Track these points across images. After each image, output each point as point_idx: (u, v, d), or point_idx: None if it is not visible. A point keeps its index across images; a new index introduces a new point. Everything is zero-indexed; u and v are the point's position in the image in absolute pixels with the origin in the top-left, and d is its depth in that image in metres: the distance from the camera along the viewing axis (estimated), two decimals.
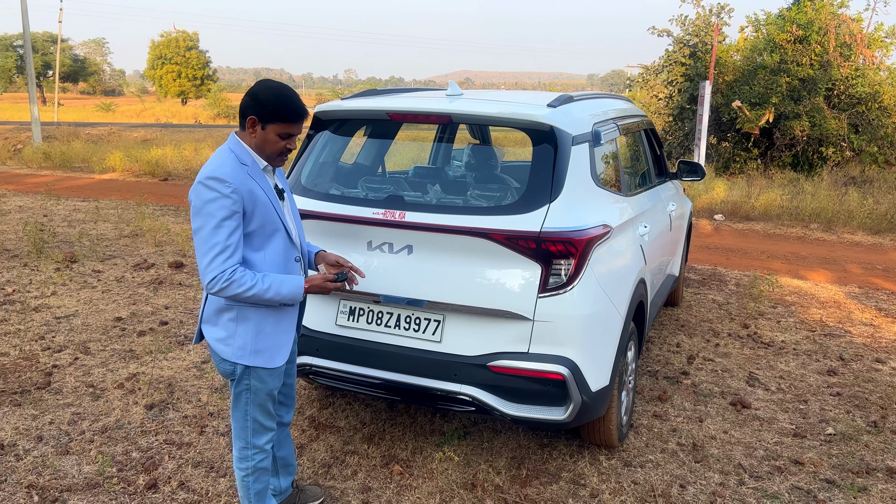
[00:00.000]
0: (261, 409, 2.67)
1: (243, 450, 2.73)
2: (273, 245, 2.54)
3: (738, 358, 5.27)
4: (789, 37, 15.41)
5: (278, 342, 2.60)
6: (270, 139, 2.48)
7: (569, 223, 3.10)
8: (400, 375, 3.29)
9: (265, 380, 2.62)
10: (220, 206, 2.34)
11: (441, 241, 3.19)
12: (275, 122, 2.44)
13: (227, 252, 2.35)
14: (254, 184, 2.45)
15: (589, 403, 3.18)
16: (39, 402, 4.19)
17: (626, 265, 3.62)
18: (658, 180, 5.18)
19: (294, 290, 2.50)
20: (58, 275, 6.85)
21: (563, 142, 3.30)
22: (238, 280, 2.36)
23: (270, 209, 2.50)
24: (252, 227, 2.46)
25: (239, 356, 2.53)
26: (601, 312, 3.22)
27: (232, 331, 2.52)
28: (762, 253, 9.10)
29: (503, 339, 3.15)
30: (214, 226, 2.34)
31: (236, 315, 2.52)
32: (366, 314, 3.41)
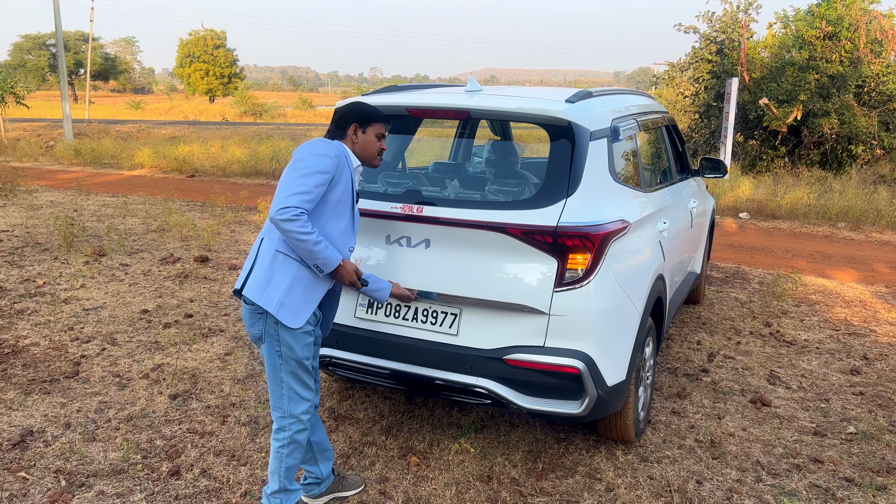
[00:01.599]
0: (294, 377, 2.86)
1: (281, 419, 2.90)
2: (337, 224, 2.85)
3: (760, 356, 5.23)
4: (819, 33, 15.19)
5: (303, 306, 2.79)
6: (371, 140, 2.94)
7: (586, 218, 3.12)
8: (417, 368, 3.33)
9: (292, 345, 2.80)
10: (321, 162, 2.71)
11: (458, 235, 3.23)
12: (372, 123, 2.93)
13: (308, 196, 2.66)
14: (346, 170, 2.83)
15: (605, 398, 3.19)
16: (68, 390, 4.30)
17: (644, 261, 3.62)
18: (679, 177, 5.16)
19: (334, 258, 2.75)
20: (87, 268, 7.00)
21: (580, 137, 3.32)
22: (304, 222, 2.62)
23: (348, 196, 2.85)
24: (330, 198, 2.78)
25: (267, 301, 2.73)
26: (617, 307, 3.23)
27: (270, 278, 2.75)
28: (787, 251, 9.00)
29: (519, 333, 3.17)
30: (308, 173, 2.67)
31: (281, 264, 2.75)
32: (384, 307, 3.46)
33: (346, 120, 2.93)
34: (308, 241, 2.65)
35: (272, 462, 2.96)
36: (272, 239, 2.80)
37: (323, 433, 3.20)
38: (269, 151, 16.67)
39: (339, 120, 2.95)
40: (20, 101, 21.74)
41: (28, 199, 11.17)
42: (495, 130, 6.63)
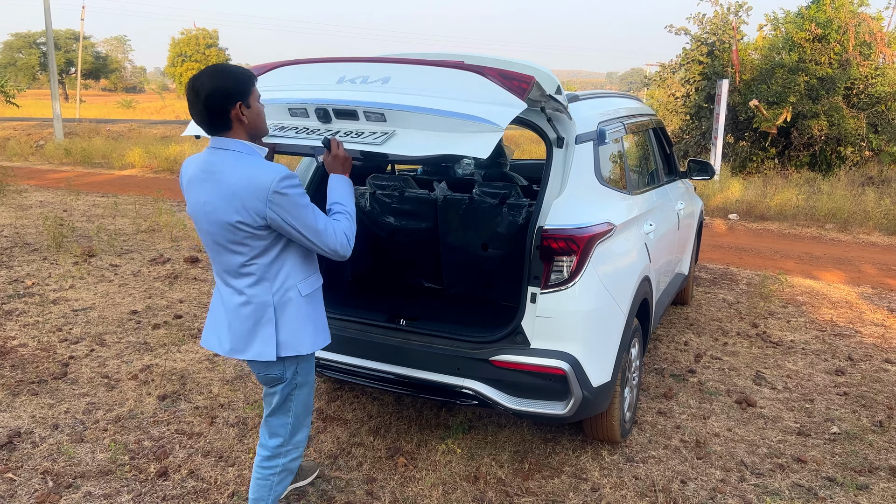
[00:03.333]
0: (304, 404, 2.72)
1: (278, 448, 2.73)
2: None
3: (746, 357, 5.28)
4: (808, 35, 15.29)
5: (320, 319, 2.66)
6: (257, 108, 2.43)
7: (571, 220, 3.15)
8: (405, 369, 3.36)
9: (311, 367, 2.69)
10: (302, 192, 2.39)
11: None
12: (251, 90, 2.39)
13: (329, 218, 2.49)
14: None
15: (590, 398, 3.22)
16: (56, 391, 4.31)
17: (630, 263, 3.65)
18: (666, 179, 5.20)
19: (347, 182, 2.63)
20: (76, 268, 6.99)
21: (567, 140, 3.35)
22: (347, 226, 2.51)
23: None
24: None
25: (300, 349, 2.54)
26: (602, 309, 3.27)
27: (280, 328, 2.50)
28: (776, 252, 9.06)
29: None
30: (312, 209, 2.40)
31: (281, 309, 2.51)
32: None
33: (227, 103, 2.33)
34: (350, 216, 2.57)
35: (257, 489, 2.75)
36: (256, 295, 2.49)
37: None
38: None
39: (216, 108, 2.33)
40: (10, 100, 21.63)
41: (17, 199, 11.13)
42: None
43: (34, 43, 66.02)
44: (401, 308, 3.72)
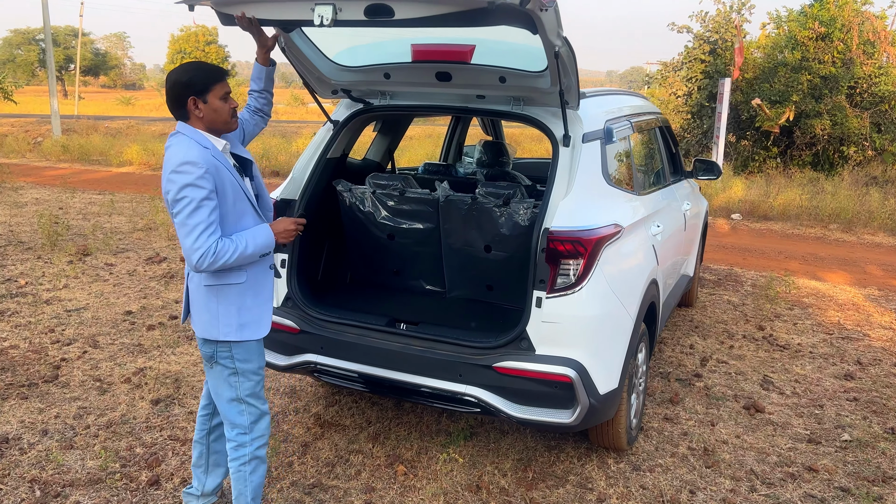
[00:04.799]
0: (251, 390, 2.72)
1: (240, 435, 2.75)
2: (244, 222, 2.61)
3: (753, 360, 5.17)
4: (811, 34, 15.17)
5: (259, 314, 2.68)
6: (217, 106, 2.54)
7: (578, 222, 3.03)
8: (406, 375, 3.24)
9: (253, 355, 2.69)
10: (196, 187, 2.41)
11: None
12: (211, 87, 2.52)
13: (210, 229, 2.43)
14: (220, 164, 2.52)
15: (597, 406, 3.11)
16: (46, 395, 4.19)
17: (638, 266, 3.54)
18: (673, 179, 5.09)
19: (266, 237, 2.59)
20: (70, 268, 6.88)
21: (573, 138, 3.24)
22: (221, 250, 2.44)
23: (238, 188, 2.57)
24: (226, 207, 2.53)
25: (226, 333, 2.61)
26: (610, 314, 3.15)
27: (215, 312, 2.61)
28: (780, 253, 8.96)
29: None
30: (195, 207, 2.41)
31: (217, 295, 2.60)
32: None
33: (182, 95, 2.50)
34: (241, 253, 2.49)
35: (235, 485, 2.77)
36: (196, 276, 2.62)
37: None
38: (259, 149, 16.52)
39: (174, 98, 2.51)
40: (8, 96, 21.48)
41: (13, 197, 11.01)
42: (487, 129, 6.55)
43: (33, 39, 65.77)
44: (401, 311, 3.61)
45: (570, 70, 2.99)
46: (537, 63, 3.14)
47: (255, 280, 2.66)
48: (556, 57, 2.85)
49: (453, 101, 3.66)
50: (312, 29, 3.32)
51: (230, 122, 2.61)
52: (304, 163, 3.77)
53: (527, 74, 3.24)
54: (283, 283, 3.57)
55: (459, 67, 3.32)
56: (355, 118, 3.82)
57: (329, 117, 3.83)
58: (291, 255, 3.58)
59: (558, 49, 2.82)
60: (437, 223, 3.72)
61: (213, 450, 3.02)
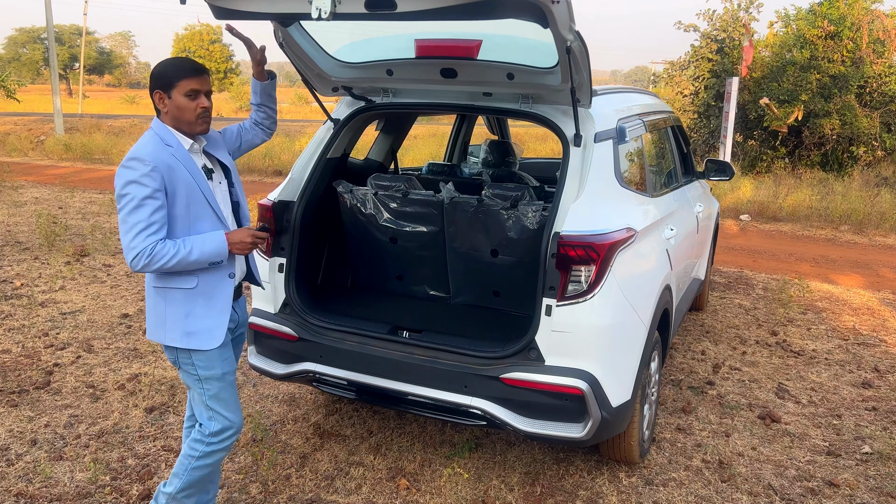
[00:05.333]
0: (216, 397, 2.61)
1: (201, 434, 2.65)
2: (200, 227, 2.50)
3: (767, 367, 5.01)
4: (820, 32, 14.98)
5: (211, 323, 2.54)
6: (181, 104, 2.44)
7: (590, 226, 2.88)
8: (408, 386, 3.10)
9: (215, 362, 2.57)
10: (140, 185, 2.34)
11: None
12: (176, 83, 2.42)
13: (150, 229, 2.34)
14: (177, 164, 2.43)
15: (609, 420, 2.96)
16: (37, 402, 4.05)
17: (652, 271, 3.39)
18: (685, 179, 4.93)
19: (217, 245, 2.44)
20: (67, 269, 6.75)
21: (585, 138, 3.09)
22: (159, 252, 2.34)
23: (195, 190, 2.47)
24: (176, 209, 2.43)
25: (173, 339, 2.52)
26: (624, 322, 3.00)
27: (163, 316, 2.52)
28: (790, 255, 8.79)
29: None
30: (136, 205, 2.33)
31: (165, 298, 2.51)
32: None
33: (151, 88, 2.45)
34: (182, 258, 2.37)
35: (178, 462, 2.69)
36: (148, 276, 2.56)
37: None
38: (263, 148, 16.38)
39: (149, 90, 2.47)
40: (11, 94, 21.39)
41: (12, 196, 10.89)
42: (493, 128, 6.40)
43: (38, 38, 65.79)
44: (403, 318, 3.46)
45: (582, 66, 2.84)
46: (547, 59, 2.99)
47: (207, 287, 2.53)
48: (568, 52, 2.70)
49: (459, 98, 3.51)
50: (311, 23, 3.17)
51: (194, 122, 2.49)
52: (303, 163, 3.62)
53: (536, 71, 3.09)
54: (282, 288, 3.42)
55: (465, 63, 3.17)
56: (357, 117, 3.67)
57: (329, 116, 3.69)
58: (290, 259, 3.43)
59: (570, 44, 2.67)
60: (441, 226, 3.57)
61: None
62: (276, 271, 3.43)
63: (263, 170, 15.17)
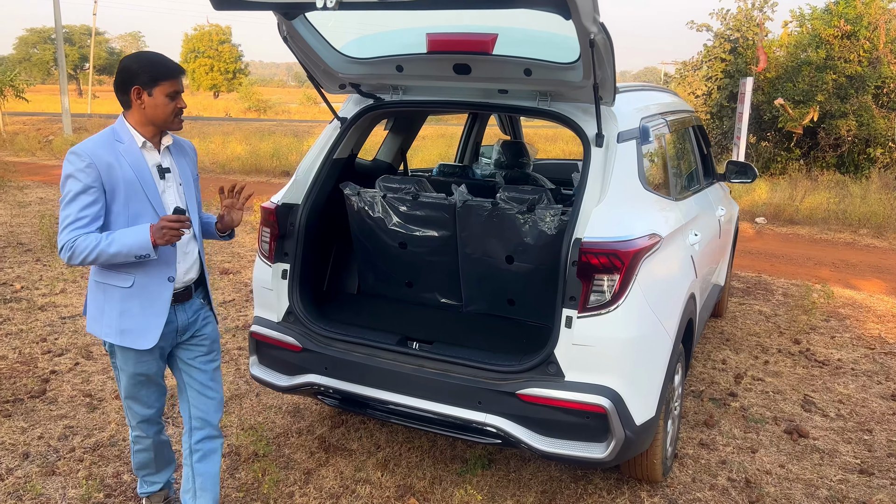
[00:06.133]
0: (128, 392, 2.64)
1: (131, 429, 2.79)
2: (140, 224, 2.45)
3: (791, 378, 4.80)
4: (837, 32, 14.72)
5: (145, 324, 2.52)
6: (160, 103, 2.43)
7: (613, 232, 2.69)
8: (417, 401, 2.92)
9: (129, 362, 2.56)
10: (75, 179, 2.34)
11: None
12: (159, 83, 2.40)
13: (78, 223, 2.34)
14: (121, 161, 2.40)
15: (633, 438, 2.77)
16: (31, 412, 3.89)
17: (677, 279, 3.20)
18: (706, 182, 4.73)
19: (139, 238, 2.36)
20: (69, 271, 6.60)
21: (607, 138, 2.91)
22: (79, 246, 2.33)
23: (137, 189, 2.43)
24: (115, 206, 2.42)
25: (106, 334, 2.53)
26: (649, 335, 2.81)
27: (101, 309, 2.53)
28: (808, 259, 8.56)
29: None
30: (69, 199, 2.35)
31: (104, 294, 2.51)
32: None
33: (126, 83, 2.40)
34: (102, 250, 2.33)
35: None
36: (91, 269, 2.55)
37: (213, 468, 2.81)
38: (271, 148, 16.26)
39: (119, 84, 2.41)
40: (20, 94, 21.37)
41: (17, 196, 10.77)
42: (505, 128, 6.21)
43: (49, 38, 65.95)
44: (413, 328, 3.27)
45: (605, 61, 2.65)
46: (568, 53, 2.80)
47: (144, 288, 2.50)
48: (591, 46, 2.51)
49: (473, 96, 3.32)
50: (317, 16, 2.99)
51: (172, 121, 2.49)
52: (308, 164, 3.45)
53: (555, 66, 2.90)
54: (285, 295, 3.25)
55: (480, 59, 2.98)
56: (364, 115, 3.49)
57: (336, 114, 3.51)
58: (294, 265, 3.26)
59: (594, 37, 2.49)
60: (453, 231, 3.38)
61: (198, 471, 2.76)
62: (280, 278, 3.26)
63: (271, 170, 15.02)
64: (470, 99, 3.34)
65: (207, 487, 2.76)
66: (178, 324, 2.63)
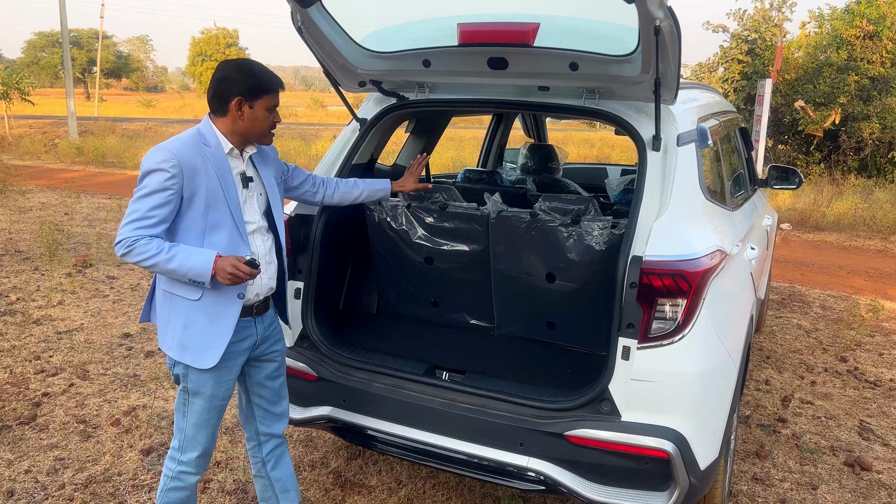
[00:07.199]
0: (199, 420, 2.43)
1: (174, 451, 2.49)
2: (216, 236, 2.31)
3: (843, 400, 4.43)
4: (858, 32, 14.35)
5: (208, 341, 2.34)
6: (260, 116, 2.32)
7: (678, 249, 2.34)
8: (449, 440, 2.56)
9: (206, 383, 2.37)
10: (155, 177, 2.20)
11: None
12: (262, 95, 2.30)
13: (144, 222, 2.19)
14: (207, 166, 2.26)
15: (696, 485, 2.40)
16: (20, 441, 3.56)
17: (741, 301, 2.84)
18: (751, 189, 4.36)
19: (202, 263, 2.21)
20: (68, 281, 6.27)
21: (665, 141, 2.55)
22: (139, 248, 2.17)
23: (219, 197, 2.28)
24: (192, 212, 2.27)
25: (168, 347, 2.38)
26: (717, 367, 2.45)
27: (166, 320, 2.38)
28: (840, 268, 8.18)
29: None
30: (143, 194, 2.21)
31: (170, 304, 2.36)
32: None
33: (227, 92, 2.28)
34: (158, 262, 2.18)
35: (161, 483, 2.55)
36: (158, 276, 2.39)
37: (288, 468, 2.75)
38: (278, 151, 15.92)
39: (218, 91, 2.29)
40: (25, 97, 21.16)
41: (19, 201, 10.47)
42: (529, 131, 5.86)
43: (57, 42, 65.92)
44: (441, 355, 2.92)
45: (670, 53, 2.30)
46: (623, 44, 2.45)
47: (212, 304, 2.32)
48: (657, 34, 2.16)
49: (508, 94, 2.97)
50: (336, 4, 2.65)
51: (266, 135, 2.41)
52: (324, 170, 3.10)
53: (607, 59, 2.54)
54: (298, 317, 2.90)
55: (519, 52, 2.63)
56: (386, 116, 3.14)
57: (355, 115, 3.16)
58: (308, 283, 2.91)
59: (659, 23, 2.14)
60: (485, 245, 3.03)
61: (275, 478, 2.72)
62: (293, 297, 2.91)
63: None
64: (505, 97, 2.99)
65: (289, 487, 2.74)
66: (257, 337, 2.49)
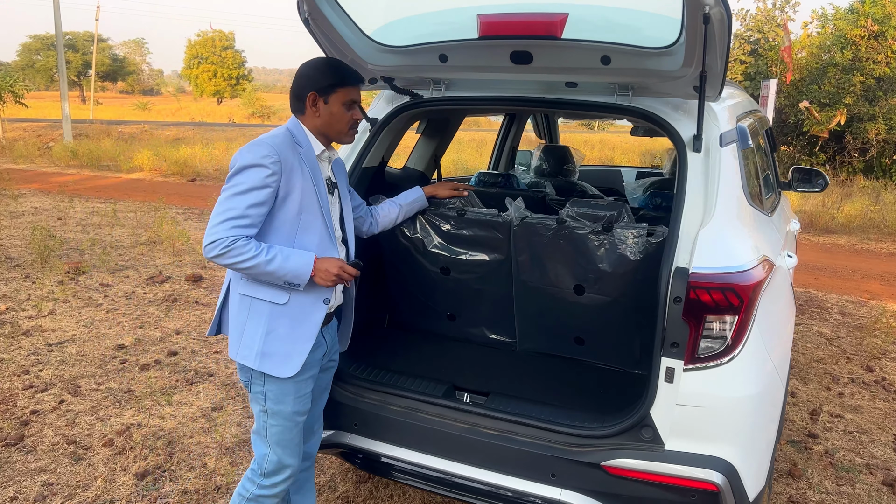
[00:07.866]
0: (280, 439, 2.27)
1: (254, 472, 2.34)
2: (307, 239, 2.21)
3: (873, 414, 4.22)
4: (864, 32, 14.17)
5: (290, 348, 2.21)
6: (336, 112, 2.24)
7: (728, 260, 2.12)
8: (472, 469, 2.34)
9: (286, 398, 2.23)
10: (255, 173, 2.10)
11: None
12: (336, 89, 2.21)
13: (240, 221, 2.07)
14: (303, 166, 2.18)
15: None
16: (6, 464, 3.33)
17: (786, 315, 2.62)
18: (777, 192, 4.15)
19: (301, 265, 2.12)
20: (60, 289, 6.04)
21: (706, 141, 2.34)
22: (237, 248, 2.05)
23: (312, 198, 2.20)
24: (286, 213, 2.17)
25: (245, 356, 2.22)
26: (768, 389, 2.23)
27: (241, 327, 2.23)
28: (854, 272, 7.97)
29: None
30: (238, 191, 2.09)
31: (249, 309, 2.22)
32: None
33: (302, 88, 2.22)
34: (258, 263, 2.06)
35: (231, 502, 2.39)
36: (234, 279, 2.26)
37: (312, 496, 2.60)
38: None
39: (295, 89, 2.23)
40: (19, 99, 20.92)
41: (11, 206, 10.22)
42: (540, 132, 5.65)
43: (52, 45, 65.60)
44: (460, 374, 2.70)
45: (718, 45, 2.08)
46: (663, 35, 2.24)
47: (298, 308, 2.20)
48: (706, 22, 1.95)
49: (532, 90, 2.75)
50: None
51: (347, 132, 2.30)
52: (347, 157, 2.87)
53: (644, 52, 2.32)
54: None
55: (545, 45, 2.41)
56: (398, 115, 2.92)
57: (365, 115, 2.94)
58: None
59: (709, 10, 1.92)
60: (507, 253, 2.81)
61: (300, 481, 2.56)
62: None
63: None
64: (529, 94, 2.76)
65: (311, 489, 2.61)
66: (327, 347, 2.38)
